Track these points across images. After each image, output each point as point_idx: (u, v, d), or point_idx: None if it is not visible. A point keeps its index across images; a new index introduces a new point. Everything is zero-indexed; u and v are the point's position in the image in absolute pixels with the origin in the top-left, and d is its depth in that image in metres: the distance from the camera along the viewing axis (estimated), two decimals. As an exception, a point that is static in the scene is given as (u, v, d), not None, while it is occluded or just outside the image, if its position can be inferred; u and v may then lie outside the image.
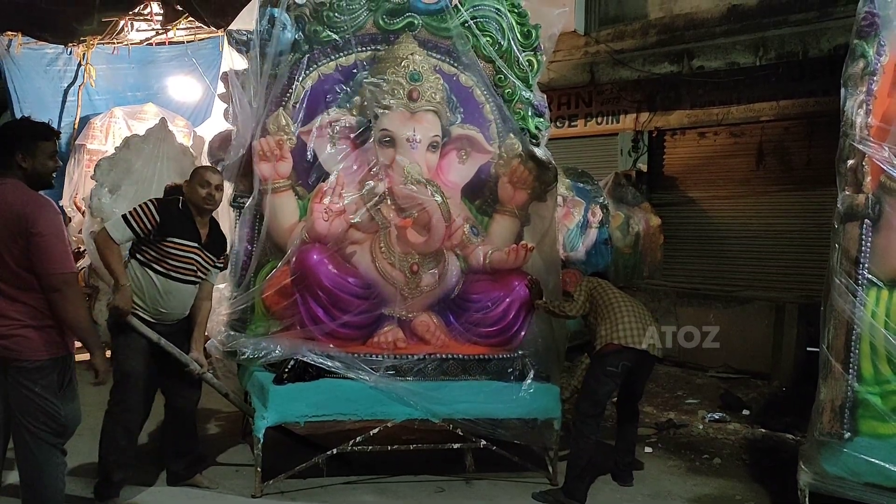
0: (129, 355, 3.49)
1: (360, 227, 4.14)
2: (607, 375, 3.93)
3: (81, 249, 7.00)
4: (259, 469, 3.77)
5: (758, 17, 8.27)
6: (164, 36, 9.81)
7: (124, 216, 3.53)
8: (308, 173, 4.24)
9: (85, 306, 3.03)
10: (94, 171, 7.29)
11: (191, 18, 9.39)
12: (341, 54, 4.29)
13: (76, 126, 9.36)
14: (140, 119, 9.12)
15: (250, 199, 4.12)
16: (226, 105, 4.23)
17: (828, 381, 3.33)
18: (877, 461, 3.15)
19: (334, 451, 3.94)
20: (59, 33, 9.11)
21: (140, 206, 3.55)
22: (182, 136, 8.64)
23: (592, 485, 4.01)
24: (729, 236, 9.12)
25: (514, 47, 4.57)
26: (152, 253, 3.53)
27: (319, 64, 4.27)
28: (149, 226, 3.50)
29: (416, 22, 4.35)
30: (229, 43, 4.26)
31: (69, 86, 9.34)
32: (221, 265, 3.85)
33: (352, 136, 4.25)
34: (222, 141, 4.24)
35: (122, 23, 9.57)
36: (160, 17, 9.62)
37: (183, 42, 9.85)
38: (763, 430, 5.31)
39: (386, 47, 4.32)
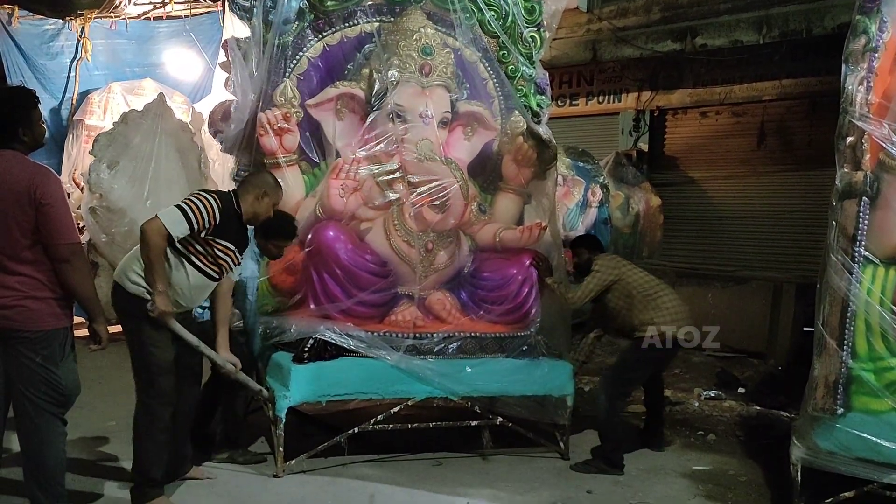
0: (163, 346, 3.22)
1: (372, 203, 4.08)
2: (650, 360, 4.12)
3: (81, 225, 7.00)
4: (281, 449, 3.69)
5: (762, -6, 8.20)
6: (161, 10, 9.71)
7: (182, 209, 3.15)
8: (312, 147, 4.18)
9: (91, 276, 3.02)
10: (93, 146, 7.28)
11: (187, -8, 9.30)
12: (346, 25, 4.21)
13: (74, 101, 9.30)
14: (138, 94, 9.07)
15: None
16: (227, 75, 4.11)
17: (822, 357, 3.35)
18: (869, 436, 3.18)
19: (356, 429, 3.88)
20: (55, 7, 9.02)
21: (201, 200, 3.19)
22: (180, 111, 8.61)
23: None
24: (729, 216, 9.13)
25: (519, 23, 4.53)
26: (195, 247, 3.24)
27: (324, 34, 4.18)
28: (207, 225, 3.19)
29: None
30: (231, 9, 4.13)
31: (72, 61, 9.27)
32: (241, 259, 3.58)
33: (360, 109, 4.17)
34: (224, 112, 4.15)
35: (119, -3, 9.47)
36: (157, -9, 9.52)
37: (181, 17, 9.76)
38: (758, 408, 5.36)
39: (391, 19, 4.25)
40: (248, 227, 3.50)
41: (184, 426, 3.50)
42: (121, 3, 9.32)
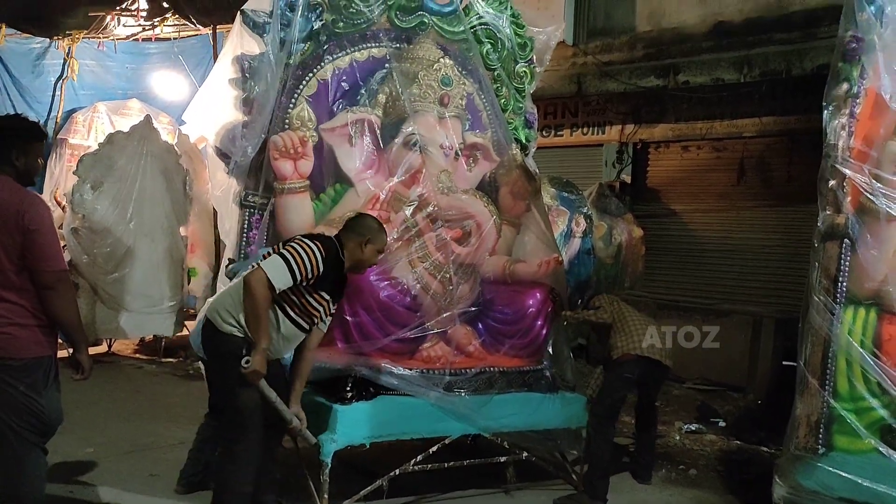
0: (252, 388, 3.04)
1: (400, 235, 3.93)
2: (623, 381, 4.27)
3: (62, 245, 6.93)
4: (326, 496, 3.52)
5: (743, 35, 8.39)
6: (150, 32, 9.72)
7: (286, 260, 2.98)
8: (322, 173, 4.03)
9: (76, 304, 2.98)
10: (77, 166, 7.23)
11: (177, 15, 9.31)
12: (355, 49, 4.16)
13: (58, 120, 9.25)
14: (124, 115, 9.06)
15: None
16: (236, 93, 3.92)
17: (804, 396, 3.40)
18: (850, 476, 3.23)
19: (397, 472, 3.74)
20: (44, 26, 8.98)
21: (305, 251, 3.02)
22: (166, 133, 8.61)
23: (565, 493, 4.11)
24: (709, 249, 9.23)
25: (513, 57, 4.60)
26: (292, 297, 3.07)
27: (335, 56, 4.11)
28: (310, 276, 3.02)
29: (427, 22, 4.29)
30: (243, 21, 3.93)
31: (57, 80, 9.24)
32: (333, 313, 3.40)
33: (373, 136, 4.09)
34: (235, 134, 3.90)
35: (108, 18, 9.46)
36: (145, 13, 9.52)
37: (170, 39, 9.78)
38: (738, 442, 5.39)
39: (398, 45, 4.23)
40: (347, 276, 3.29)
41: (268, 475, 3.34)
42: (109, 24, 9.32)
